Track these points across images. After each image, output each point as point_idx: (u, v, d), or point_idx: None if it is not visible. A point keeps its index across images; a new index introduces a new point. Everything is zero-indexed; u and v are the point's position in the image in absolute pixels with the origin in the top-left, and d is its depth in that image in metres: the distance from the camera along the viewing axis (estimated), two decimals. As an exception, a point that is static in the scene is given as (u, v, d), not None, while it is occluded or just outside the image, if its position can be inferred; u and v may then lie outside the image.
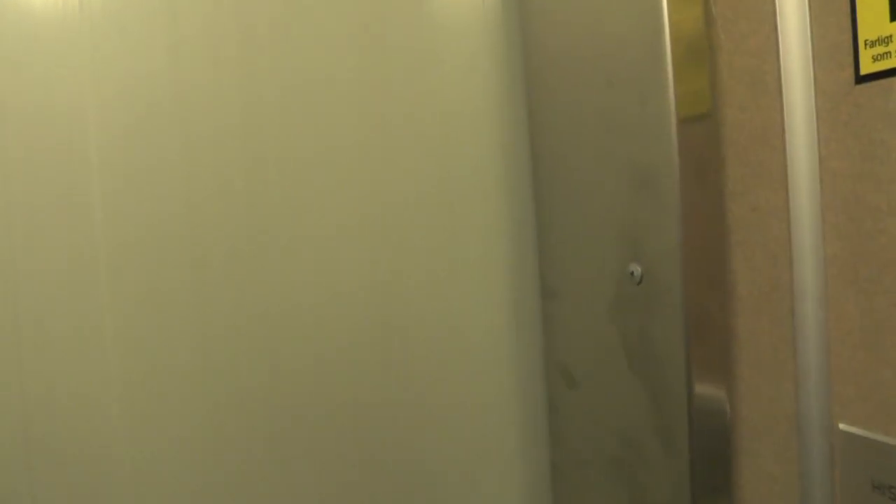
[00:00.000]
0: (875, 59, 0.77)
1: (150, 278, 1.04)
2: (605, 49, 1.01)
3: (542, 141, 1.18)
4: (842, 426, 0.83)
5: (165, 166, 1.04)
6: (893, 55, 0.75)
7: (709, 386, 0.94)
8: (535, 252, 1.23)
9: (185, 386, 1.06)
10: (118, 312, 1.02)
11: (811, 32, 0.83)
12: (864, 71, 0.78)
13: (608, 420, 1.09)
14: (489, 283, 1.22)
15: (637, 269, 0.98)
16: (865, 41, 0.78)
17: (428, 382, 1.19)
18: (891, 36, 0.75)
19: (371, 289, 1.15)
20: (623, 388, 1.04)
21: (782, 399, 0.90)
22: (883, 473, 0.79)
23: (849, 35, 0.79)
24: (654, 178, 0.94)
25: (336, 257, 1.13)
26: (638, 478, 1.05)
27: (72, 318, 1.01)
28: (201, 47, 1.05)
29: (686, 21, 0.91)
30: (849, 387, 0.82)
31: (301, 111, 1.10)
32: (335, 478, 1.14)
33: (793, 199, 0.85)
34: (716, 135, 0.94)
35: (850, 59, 0.79)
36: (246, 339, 1.08)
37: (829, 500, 0.85)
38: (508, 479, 1.25)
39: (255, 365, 1.09)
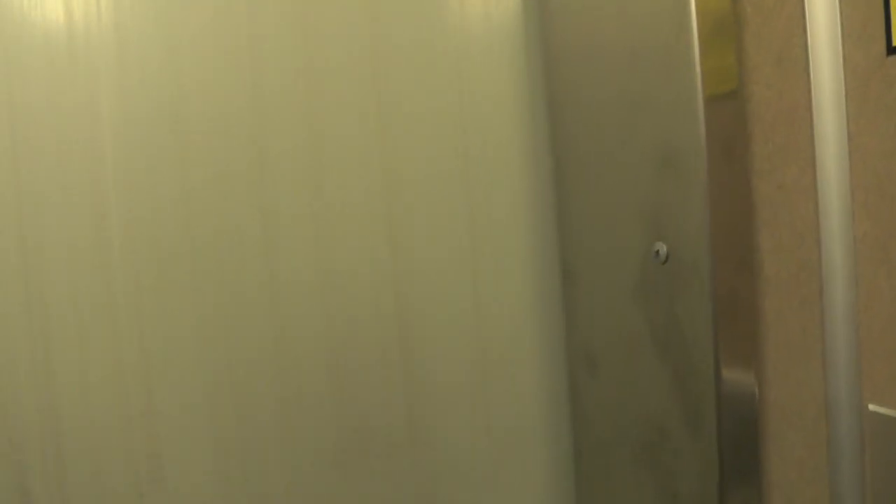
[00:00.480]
0: (907, 31, 0.75)
1: (163, 258, 1.05)
2: (629, 24, 1.00)
3: (564, 120, 1.17)
4: (871, 407, 0.82)
5: (192, 144, 1.04)
6: (926, 27, 0.73)
7: (736, 369, 0.93)
8: (556, 234, 1.22)
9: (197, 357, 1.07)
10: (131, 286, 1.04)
11: (840, 5, 0.81)
12: (896, 44, 0.76)
13: (632, 404, 1.08)
14: (510, 267, 1.21)
15: (662, 249, 0.97)
16: (897, 13, 0.76)
17: (448, 367, 1.19)
18: (923, 7, 0.73)
19: (391, 270, 1.14)
20: (648, 371, 1.03)
21: (811, 382, 0.88)
22: (915, 455, 0.77)
23: (880, 8, 0.77)
24: (679, 155, 0.92)
25: (358, 237, 1.12)
26: (663, 463, 1.04)
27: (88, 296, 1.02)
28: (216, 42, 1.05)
29: (712, -5, 0.90)
30: (880, 368, 0.80)
31: (325, 95, 1.10)
32: (357, 459, 1.15)
33: (820, 178, 0.84)
34: (742, 112, 0.92)
35: (882, 32, 0.77)
36: (266, 311, 1.09)
37: (859, 483, 0.84)
38: (531, 464, 1.25)
39: (283, 334, 1.10)
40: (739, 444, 0.94)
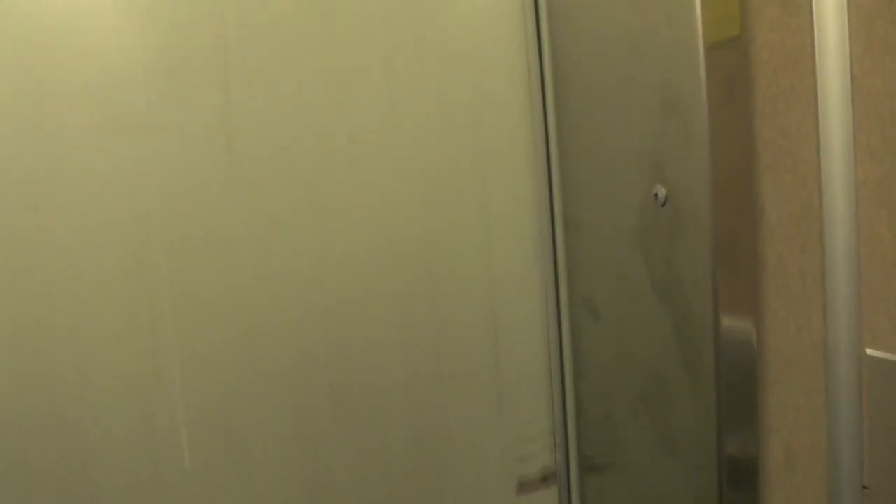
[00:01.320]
0: (913, -31, 0.74)
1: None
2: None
3: (564, 66, 1.16)
4: (870, 352, 0.82)
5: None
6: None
7: (735, 314, 0.93)
8: (558, 181, 1.21)
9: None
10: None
11: (845, -57, 0.80)
12: (901, -18, 0.75)
13: (633, 351, 1.09)
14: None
15: (661, 191, 0.96)
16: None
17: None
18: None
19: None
20: (648, 317, 1.03)
21: (810, 327, 0.88)
22: (910, 398, 0.78)
23: (885, -54, 0.76)
24: (680, 99, 0.91)
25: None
26: (662, 410, 1.04)
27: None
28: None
29: (714, -64, 0.88)
30: (880, 313, 0.80)
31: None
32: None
33: (823, 121, 0.83)
34: (745, 56, 0.91)
35: (887, -30, 0.76)
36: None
37: (857, 428, 0.84)
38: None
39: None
40: (738, 390, 0.95)
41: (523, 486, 1.27)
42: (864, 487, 0.84)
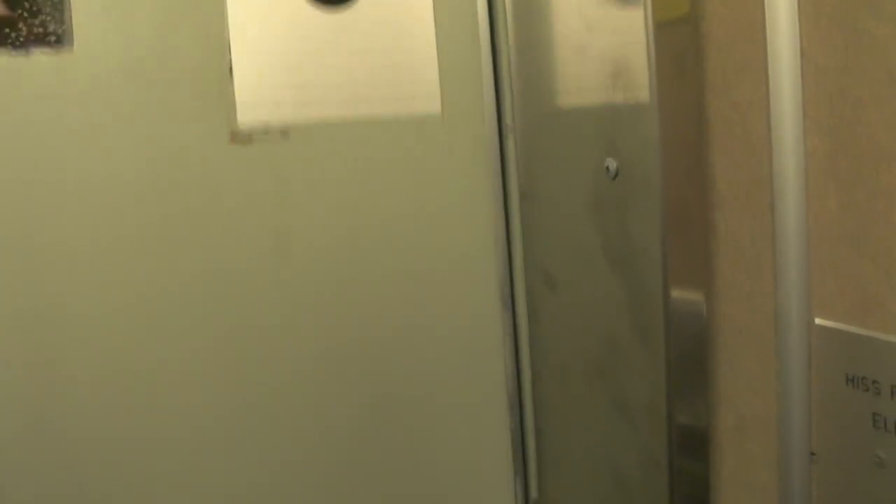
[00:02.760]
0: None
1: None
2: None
3: (520, 36, 1.16)
4: (818, 321, 0.84)
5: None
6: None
7: (686, 282, 0.94)
8: (514, 155, 1.22)
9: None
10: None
11: (795, -81, 0.81)
12: (850, -44, 0.76)
13: (588, 322, 1.10)
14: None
15: (613, 164, 0.97)
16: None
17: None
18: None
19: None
20: (602, 288, 1.04)
21: (761, 296, 0.90)
22: (856, 366, 0.79)
23: (834, -79, 0.77)
24: (630, 74, 0.92)
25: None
26: (616, 378, 1.06)
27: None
28: None
29: None
30: (828, 282, 0.82)
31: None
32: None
33: (773, 94, 0.84)
34: (695, 31, 0.92)
35: (836, -55, 0.77)
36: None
37: (806, 395, 0.86)
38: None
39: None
40: (689, 357, 0.97)
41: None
42: (812, 454, 0.86)
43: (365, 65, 1.14)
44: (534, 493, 1.31)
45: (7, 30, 0.96)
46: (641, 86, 0.91)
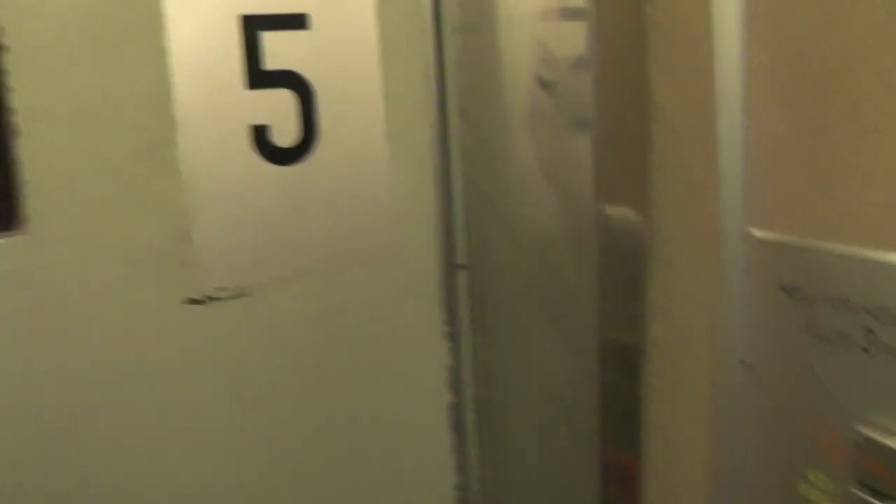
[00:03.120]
0: None
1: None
2: None
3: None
4: (755, 232, 0.85)
5: None
6: None
7: (622, 197, 0.95)
8: (452, 67, 1.18)
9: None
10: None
11: None
12: None
13: (524, 238, 1.10)
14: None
15: (547, 76, 0.96)
16: None
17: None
18: None
19: None
20: (540, 204, 1.04)
21: (699, 210, 0.91)
22: (789, 275, 0.81)
23: None
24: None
25: None
26: (550, 294, 1.07)
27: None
28: None
29: None
30: (766, 195, 0.83)
31: None
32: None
33: (716, 8, 0.84)
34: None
35: None
36: None
37: (740, 305, 0.88)
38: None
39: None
40: (622, 271, 0.98)
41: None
42: (743, 362, 0.89)
43: (321, 220, 1.12)
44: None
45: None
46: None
